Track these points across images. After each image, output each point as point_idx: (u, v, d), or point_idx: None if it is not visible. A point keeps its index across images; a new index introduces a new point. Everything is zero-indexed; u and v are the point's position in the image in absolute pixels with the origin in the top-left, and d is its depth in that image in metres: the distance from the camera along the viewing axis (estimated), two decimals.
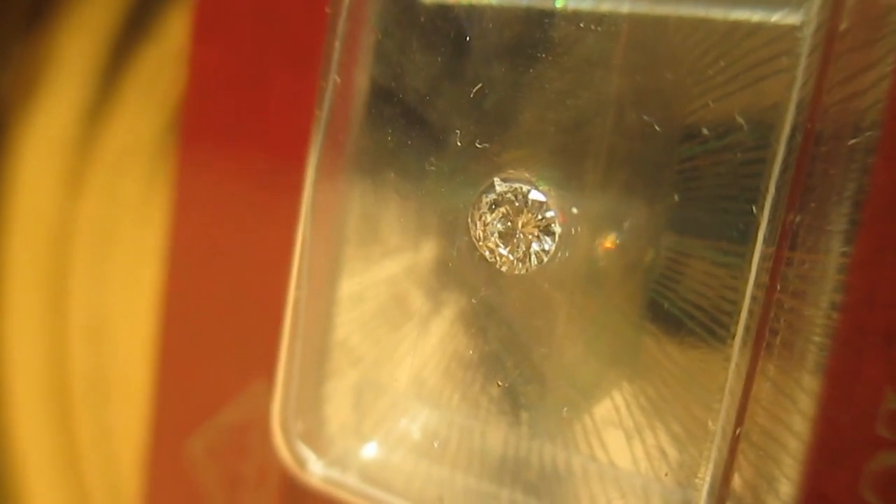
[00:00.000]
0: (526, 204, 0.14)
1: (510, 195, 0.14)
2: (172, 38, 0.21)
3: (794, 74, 0.11)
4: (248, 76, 0.17)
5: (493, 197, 0.14)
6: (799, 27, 0.12)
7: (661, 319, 0.13)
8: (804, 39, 0.11)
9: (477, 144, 0.14)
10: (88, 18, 0.22)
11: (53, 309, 0.23)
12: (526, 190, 0.14)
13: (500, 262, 0.14)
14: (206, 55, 0.18)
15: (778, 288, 0.12)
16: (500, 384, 0.15)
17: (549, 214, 0.14)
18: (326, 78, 0.15)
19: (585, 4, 0.13)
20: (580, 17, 0.13)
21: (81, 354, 0.23)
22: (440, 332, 0.15)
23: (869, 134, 0.12)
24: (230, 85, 0.17)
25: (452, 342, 0.15)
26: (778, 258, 0.12)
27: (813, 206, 0.12)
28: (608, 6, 0.13)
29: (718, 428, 0.13)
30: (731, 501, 0.13)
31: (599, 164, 0.13)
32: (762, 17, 0.12)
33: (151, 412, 0.19)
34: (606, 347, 0.14)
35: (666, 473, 0.13)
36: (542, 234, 0.14)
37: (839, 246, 0.12)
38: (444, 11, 0.14)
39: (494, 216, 0.14)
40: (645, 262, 0.13)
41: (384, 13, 0.15)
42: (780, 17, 0.12)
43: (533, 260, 0.14)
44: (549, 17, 0.13)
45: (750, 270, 0.12)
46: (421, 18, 0.14)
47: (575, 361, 0.14)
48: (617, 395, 0.14)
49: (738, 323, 0.12)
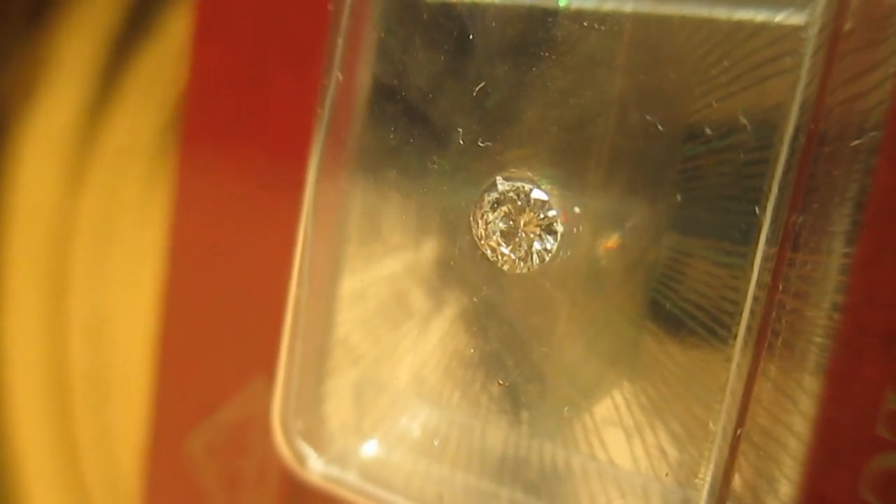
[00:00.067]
0: (528, 203, 0.14)
1: (512, 194, 0.14)
2: (173, 36, 0.21)
3: (797, 75, 0.11)
4: (249, 74, 0.17)
5: (495, 196, 0.14)
6: (803, 27, 0.12)
7: (662, 319, 0.13)
8: (808, 40, 0.11)
9: (479, 143, 0.14)
10: (89, 17, 0.22)
11: (53, 307, 0.23)
12: (528, 189, 0.14)
13: (501, 260, 0.14)
14: (206, 54, 0.18)
15: (780, 288, 0.12)
16: (500, 383, 0.15)
17: (551, 213, 0.14)
18: (329, 76, 0.15)
19: (589, 3, 0.13)
20: (583, 15, 0.13)
21: (81, 352, 0.23)
22: (441, 330, 0.15)
23: (872, 135, 0.12)
24: (231, 83, 0.17)
25: (453, 341, 0.15)
26: (780, 259, 0.12)
27: (815, 206, 0.12)
28: (611, 5, 0.13)
29: (719, 428, 0.13)
30: (731, 501, 0.13)
31: (602, 163, 0.13)
32: (766, 16, 0.12)
33: (151, 410, 0.19)
34: (607, 347, 0.14)
35: (666, 473, 0.13)
36: (543, 233, 0.14)
37: (841, 247, 0.12)
38: (446, 9, 0.14)
39: (496, 215, 0.14)
40: (647, 261, 0.13)
41: (387, 11, 0.15)
42: (784, 17, 0.12)
43: (534, 259, 0.14)
44: (552, 15, 0.13)
45: (752, 271, 0.12)
46: (424, 16, 0.14)
47: (576, 361, 0.14)
48: (617, 394, 0.14)
49: (739, 323, 0.12)
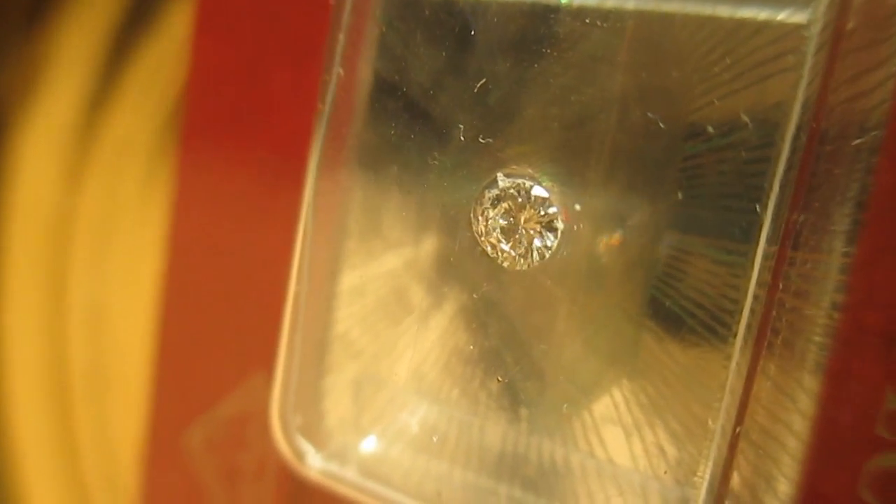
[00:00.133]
0: (528, 200, 0.14)
1: (513, 191, 0.14)
2: (174, 32, 0.21)
3: (799, 73, 0.11)
4: (249, 70, 0.17)
5: (495, 192, 0.14)
6: (805, 26, 0.12)
7: (662, 317, 0.13)
8: (811, 38, 0.11)
9: (480, 139, 0.14)
10: (89, 13, 0.22)
11: (52, 303, 0.23)
12: (529, 186, 0.14)
13: (501, 257, 0.14)
14: (207, 49, 0.18)
15: (780, 287, 0.12)
16: (499, 380, 0.15)
17: (551, 210, 0.14)
18: (330, 71, 0.15)
19: (591, 0, 0.13)
20: (585, 12, 0.13)
21: (80, 348, 0.23)
22: (440, 326, 0.15)
23: (874, 134, 0.12)
24: (232, 79, 0.17)
25: (453, 337, 0.15)
26: (780, 257, 0.12)
27: (816, 205, 0.12)
28: (613, 2, 0.13)
29: (718, 426, 0.13)
30: (729, 500, 0.13)
31: (603, 160, 0.13)
32: (769, 15, 0.12)
33: (150, 405, 0.19)
34: (607, 344, 0.14)
35: (665, 471, 0.13)
36: (544, 230, 0.14)
37: (841, 246, 0.12)
38: (448, 5, 0.14)
39: (497, 212, 0.14)
40: (647, 259, 0.13)
41: (388, 6, 0.14)
42: (786, 15, 0.12)
43: (535, 256, 0.14)
44: (554, 12, 0.13)
45: (752, 269, 0.12)
46: (425, 12, 0.14)
47: (575, 358, 0.14)
48: (617, 392, 0.14)
49: (739, 322, 0.12)
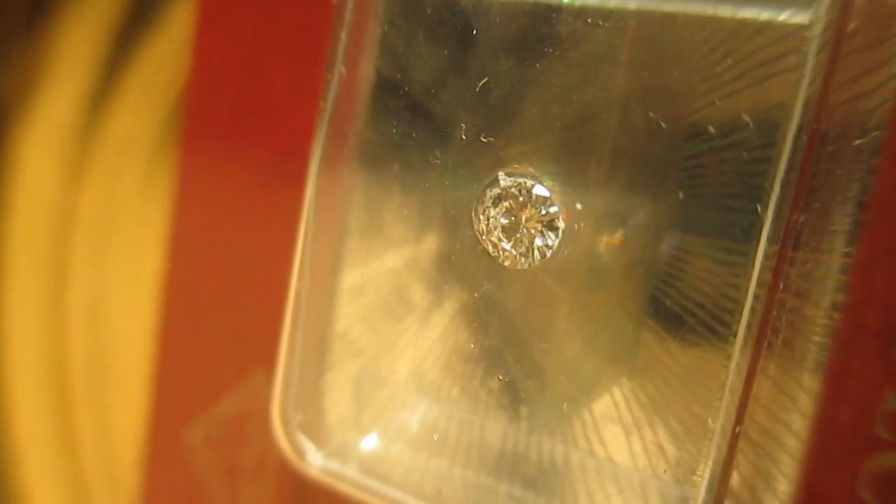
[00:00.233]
0: (530, 199, 0.14)
1: (514, 190, 0.14)
2: (175, 30, 0.21)
3: (801, 73, 0.11)
4: (252, 68, 0.17)
5: (496, 191, 0.14)
6: (807, 26, 0.12)
7: (662, 316, 0.13)
8: (812, 38, 0.11)
9: (482, 138, 0.14)
10: (90, 10, 0.22)
11: (53, 299, 0.23)
12: (530, 185, 0.14)
13: (502, 256, 0.14)
14: (209, 47, 0.18)
15: (780, 287, 0.12)
16: (500, 378, 0.15)
17: (552, 210, 0.14)
18: (332, 69, 0.15)
19: (593, 0, 0.13)
20: (587, 12, 0.13)
21: (81, 345, 0.23)
22: (441, 325, 0.15)
23: (875, 134, 0.12)
24: (234, 77, 0.17)
25: (453, 336, 0.15)
26: (781, 257, 0.12)
27: (817, 205, 0.12)
28: (615, 2, 0.13)
29: (718, 426, 0.13)
30: (728, 499, 0.13)
31: (604, 160, 0.13)
32: (770, 15, 0.12)
33: (151, 402, 0.19)
34: (607, 343, 0.14)
35: (665, 470, 0.13)
36: (545, 229, 0.14)
37: (842, 246, 0.12)
38: (451, 4, 0.14)
39: (498, 210, 0.14)
40: (648, 258, 0.13)
41: (391, 5, 0.14)
42: (788, 15, 0.12)
43: (536, 255, 0.14)
44: (556, 11, 0.13)
45: (753, 269, 0.12)
46: (427, 11, 0.14)
47: (575, 357, 0.14)
48: (617, 391, 0.14)
49: (739, 321, 0.12)
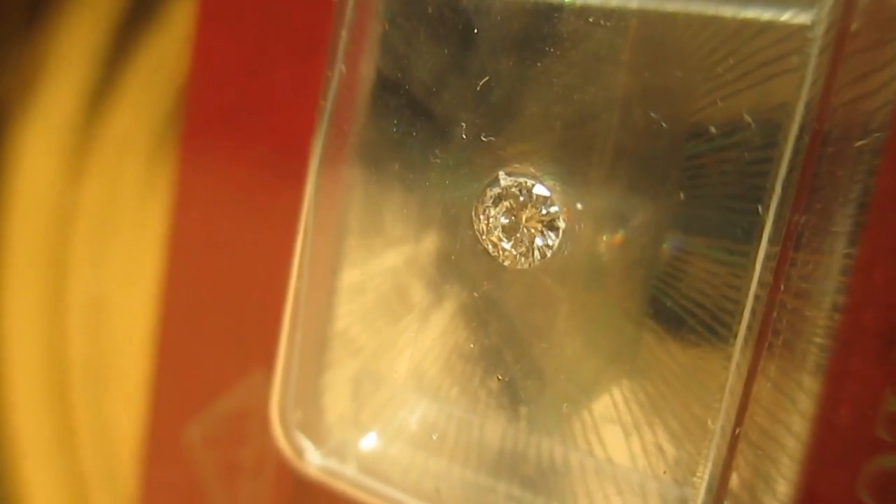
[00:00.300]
0: (530, 198, 0.14)
1: (514, 189, 0.14)
2: (175, 29, 0.21)
3: (803, 74, 0.11)
4: (252, 66, 0.17)
5: (497, 191, 0.14)
6: (809, 26, 0.12)
7: (662, 317, 0.13)
8: (814, 39, 0.11)
9: (482, 138, 0.14)
10: (91, 6, 0.22)
11: (52, 300, 0.23)
12: (530, 184, 0.14)
13: (502, 256, 0.14)
14: (210, 44, 0.18)
15: (781, 288, 0.12)
16: (499, 378, 0.15)
17: (553, 209, 0.14)
18: (332, 68, 0.15)
19: None
20: (589, 11, 0.13)
21: (80, 345, 0.23)
22: (441, 324, 0.15)
23: (877, 136, 0.12)
24: (234, 74, 0.17)
25: (453, 335, 0.15)
26: (782, 258, 0.12)
27: (818, 206, 0.12)
28: (617, 1, 0.13)
29: (717, 427, 0.13)
30: (728, 500, 0.13)
31: (605, 160, 0.13)
32: (772, 15, 0.12)
33: (150, 401, 0.19)
34: (607, 344, 0.14)
35: (664, 471, 0.13)
36: (545, 229, 0.14)
37: (843, 247, 0.12)
38: (452, 3, 0.14)
39: (498, 210, 0.14)
40: (648, 259, 0.13)
41: (392, 3, 0.14)
42: (790, 16, 0.12)
43: (536, 255, 0.14)
44: (557, 10, 0.13)
45: (754, 270, 0.12)
46: (428, 9, 0.14)
47: (575, 357, 0.14)
48: (616, 391, 0.14)
49: (740, 322, 0.12)
